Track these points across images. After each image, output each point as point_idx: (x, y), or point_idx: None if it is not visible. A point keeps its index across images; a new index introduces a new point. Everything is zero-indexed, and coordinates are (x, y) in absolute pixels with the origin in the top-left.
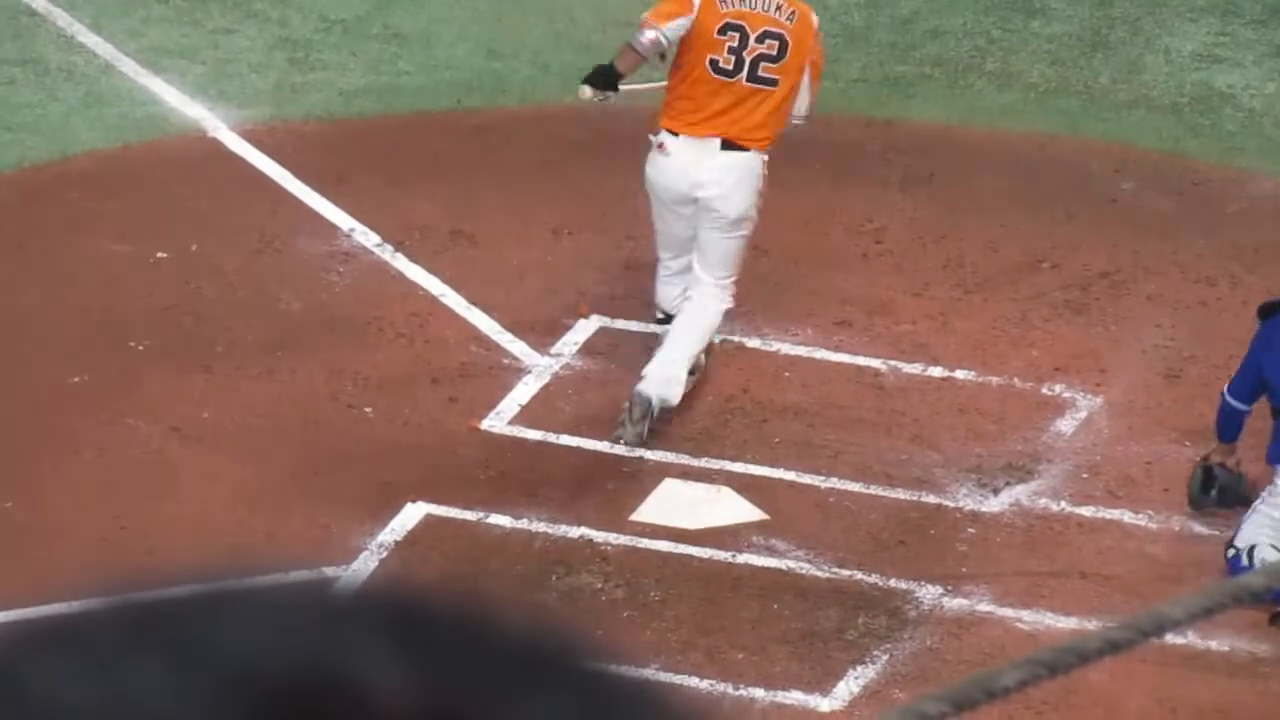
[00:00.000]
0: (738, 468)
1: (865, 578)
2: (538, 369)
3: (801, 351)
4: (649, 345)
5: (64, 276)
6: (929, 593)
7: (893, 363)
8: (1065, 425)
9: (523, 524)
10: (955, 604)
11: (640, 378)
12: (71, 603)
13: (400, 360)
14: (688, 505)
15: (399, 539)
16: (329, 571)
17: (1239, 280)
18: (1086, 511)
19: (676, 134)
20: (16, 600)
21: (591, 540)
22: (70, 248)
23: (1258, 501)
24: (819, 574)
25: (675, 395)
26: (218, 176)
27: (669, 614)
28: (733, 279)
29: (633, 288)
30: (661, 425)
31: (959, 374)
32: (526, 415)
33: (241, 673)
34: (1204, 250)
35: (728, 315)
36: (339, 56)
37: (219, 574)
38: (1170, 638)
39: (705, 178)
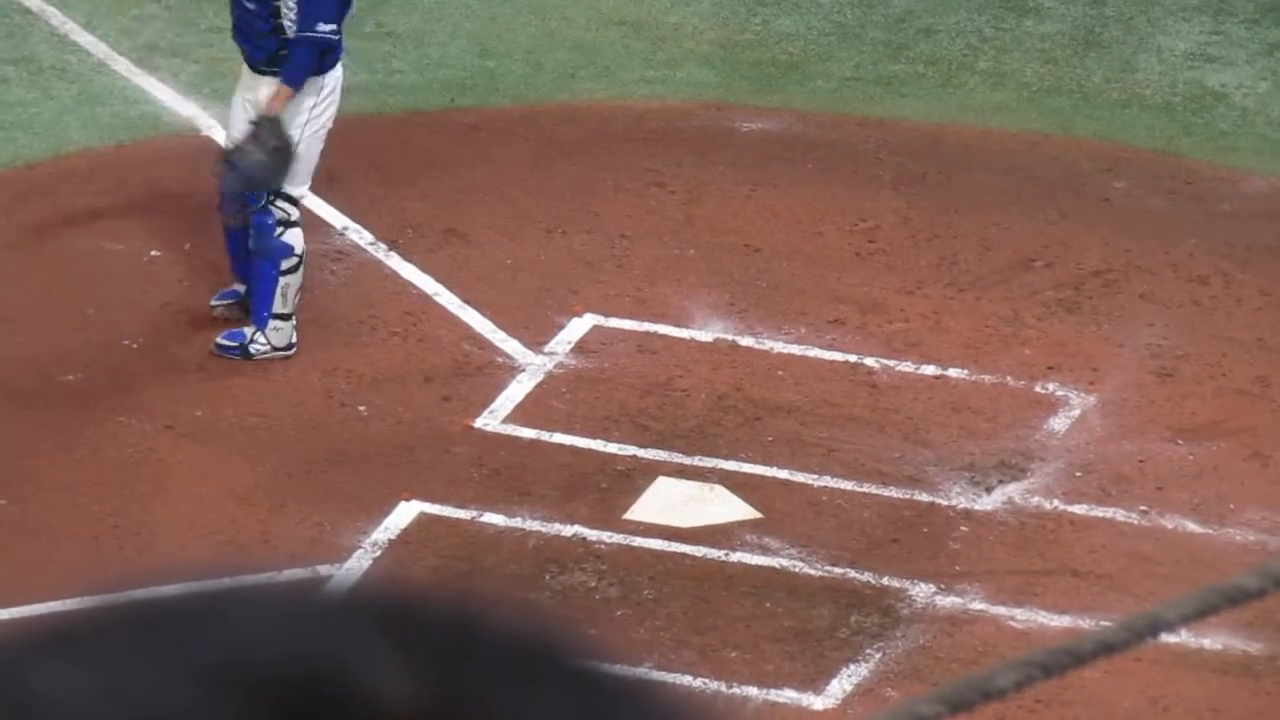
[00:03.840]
0: (731, 466)
1: (858, 576)
2: (531, 367)
3: (794, 350)
4: (643, 343)
5: (57, 274)
6: (922, 591)
7: (886, 361)
8: (1058, 423)
9: (516, 522)
10: (948, 602)
11: None
12: (65, 601)
13: (394, 359)
14: (681, 504)
15: (393, 537)
16: (323, 570)
17: (1231, 279)
18: (1079, 509)
19: None
20: (9, 599)
21: (585, 539)
22: (64, 246)
23: None
24: (812, 572)
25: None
26: (211, 175)
27: (662, 612)
28: None
29: (626, 286)
30: (655, 424)
31: (952, 372)
32: (520, 414)
33: (239, 670)
34: (1196, 249)
35: (720, 314)
36: None
37: (214, 572)
38: (1163, 636)
39: None
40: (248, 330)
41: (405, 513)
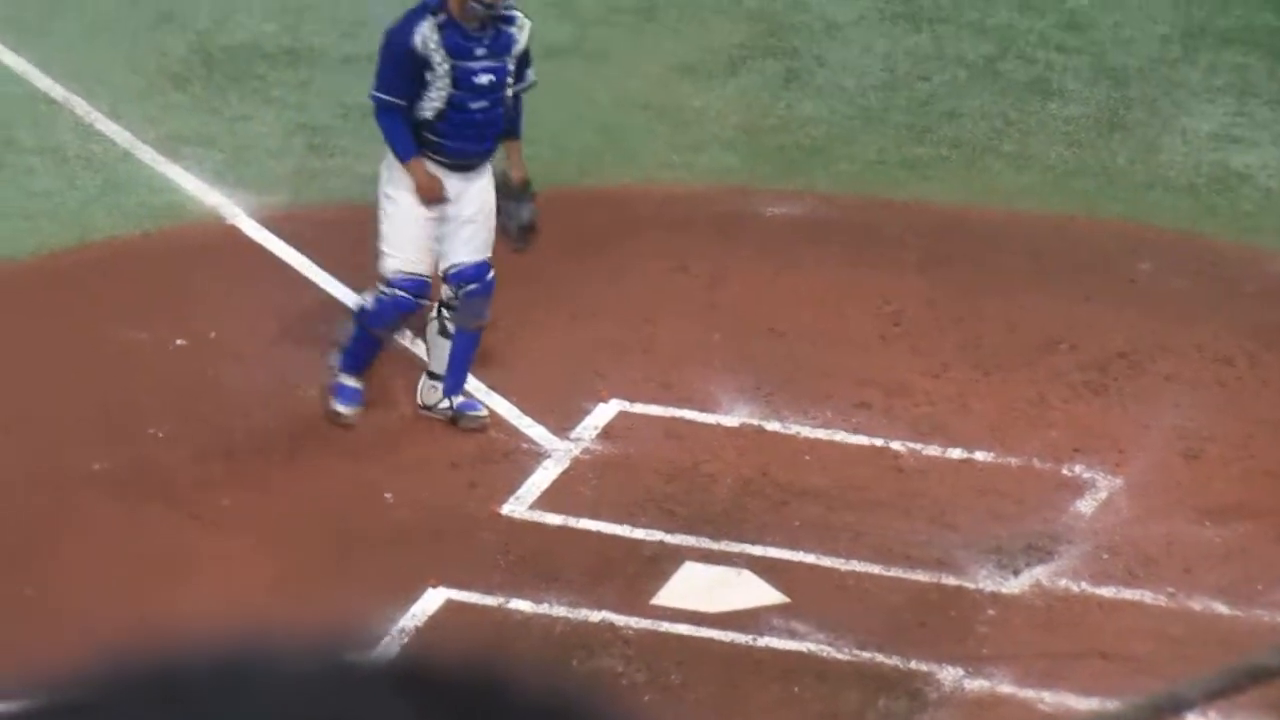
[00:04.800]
0: (758, 550)
1: (886, 659)
2: (557, 453)
3: (820, 434)
4: (669, 428)
5: (83, 363)
6: (950, 674)
7: (912, 444)
8: (1085, 505)
9: (544, 608)
10: (976, 685)
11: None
12: (92, 677)
13: (420, 445)
14: (708, 588)
15: (420, 624)
16: (349, 657)
17: (1257, 359)
18: (1107, 591)
19: None
20: (34, 689)
21: (613, 624)
22: (89, 334)
23: None
24: (840, 656)
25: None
26: (236, 263)
27: (690, 697)
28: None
29: (651, 371)
30: (681, 509)
31: (978, 455)
32: (546, 499)
33: None
34: (1221, 330)
35: (746, 398)
36: (357, 142)
37: (240, 651)
38: (1187, 716)
39: None
40: (471, 400)
41: (433, 599)
